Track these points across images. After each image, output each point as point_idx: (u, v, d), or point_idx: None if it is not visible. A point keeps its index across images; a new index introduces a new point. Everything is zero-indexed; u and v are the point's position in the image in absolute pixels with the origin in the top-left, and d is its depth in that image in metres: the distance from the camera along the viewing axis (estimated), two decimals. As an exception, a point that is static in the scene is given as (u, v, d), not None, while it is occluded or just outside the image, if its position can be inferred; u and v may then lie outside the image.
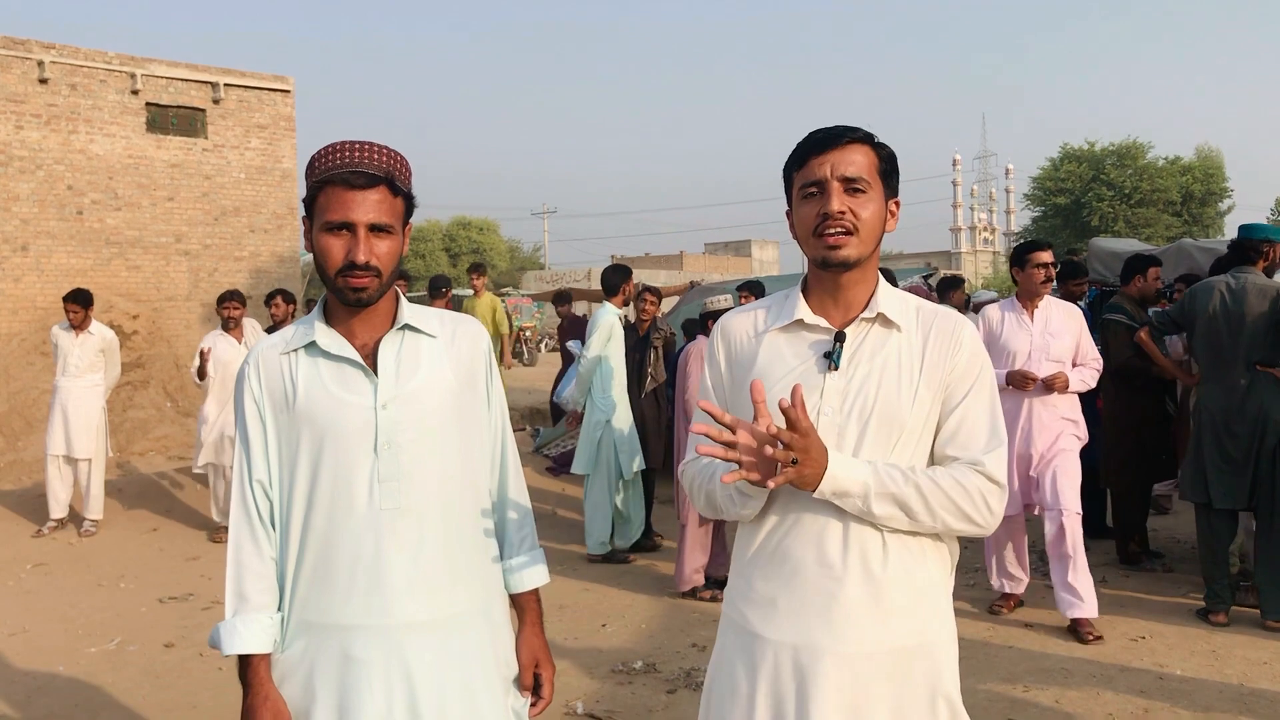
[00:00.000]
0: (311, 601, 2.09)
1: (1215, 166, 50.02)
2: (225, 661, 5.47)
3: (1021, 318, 5.82)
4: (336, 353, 2.11)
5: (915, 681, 1.97)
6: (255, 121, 16.68)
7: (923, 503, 1.93)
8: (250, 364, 2.18)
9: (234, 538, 2.14)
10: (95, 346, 8.87)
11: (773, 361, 2.06)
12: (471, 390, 2.23)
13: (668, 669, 5.17)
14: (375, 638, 2.05)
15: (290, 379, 2.12)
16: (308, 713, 2.08)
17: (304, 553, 2.10)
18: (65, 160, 14.57)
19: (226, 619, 2.10)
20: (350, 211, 2.03)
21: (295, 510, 2.11)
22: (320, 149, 2.11)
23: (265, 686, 2.08)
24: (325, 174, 2.05)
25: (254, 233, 16.65)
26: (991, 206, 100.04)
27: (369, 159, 2.06)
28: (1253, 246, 5.78)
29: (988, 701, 4.56)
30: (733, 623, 2.11)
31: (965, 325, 2.06)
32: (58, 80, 14.47)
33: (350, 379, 2.11)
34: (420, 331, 2.18)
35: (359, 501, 2.07)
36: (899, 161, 2.08)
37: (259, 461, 2.14)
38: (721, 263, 60.18)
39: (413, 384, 2.12)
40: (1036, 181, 51.44)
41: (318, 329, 2.13)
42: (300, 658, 2.09)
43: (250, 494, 2.14)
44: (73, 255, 14.39)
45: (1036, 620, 5.79)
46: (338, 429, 2.08)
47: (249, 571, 2.11)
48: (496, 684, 2.19)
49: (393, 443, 2.08)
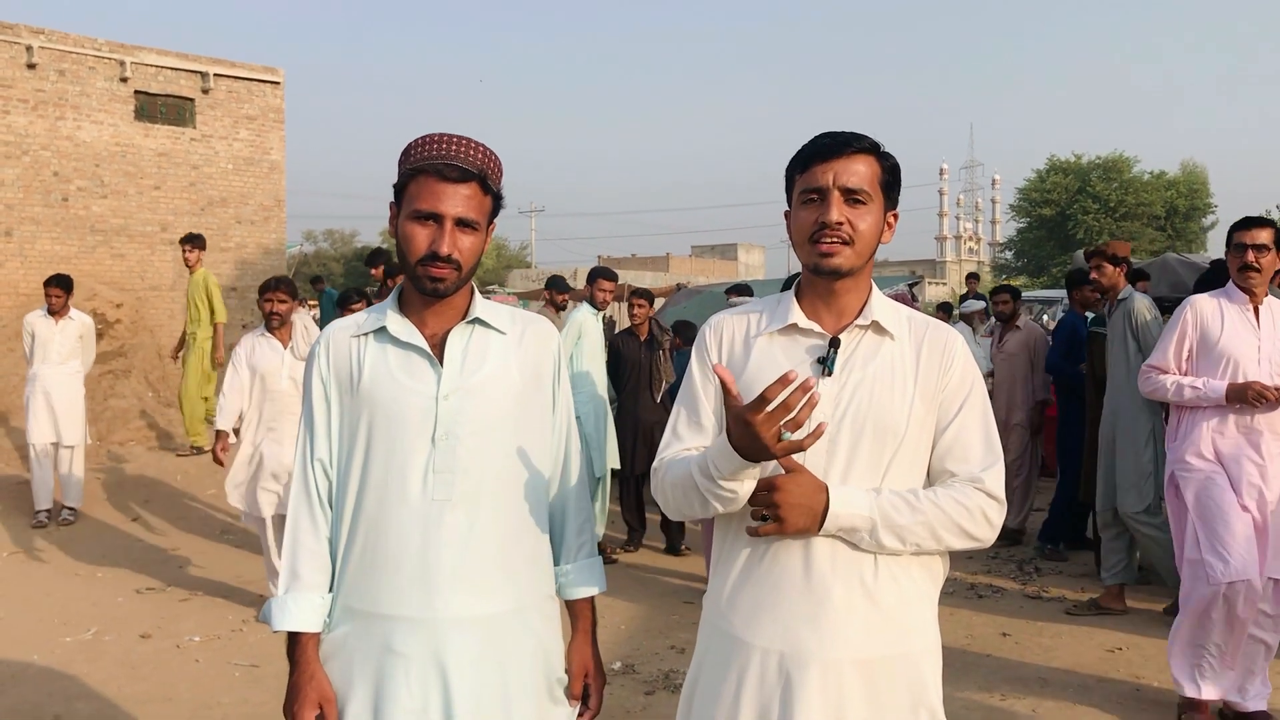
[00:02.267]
0: (357, 588, 2.10)
1: (1199, 182, 50.34)
2: (202, 654, 5.46)
3: (1245, 313, 4.50)
4: (405, 340, 2.13)
5: (899, 691, 1.97)
6: (244, 112, 16.61)
7: (929, 530, 1.94)
8: (321, 344, 2.20)
9: (293, 516, 2.16)
10: (75, 333, 8.78)
11: (765, 365, 2.05)
12: (537, 390, 2.23)
13: (646, 671, 5.17)
14: (417, 631, 2.05)
15: (357, 362, 2.14)
16: (345, 697, 2.09)
17: (353, 537, 2.11)
18: (52, 146, 14.49)
19: (279, 595, 2.12)
20: (440, 203, 2.05)
21: (349, 493, 2.13)
22: (418, 138, 2.13)
23: (312, 665, 2.09)
24: (420, 163, 2.07)
25: (240, 224, 16.58)
26: (977, 216, 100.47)
27: (465, 154, 2.08)
28: None
29: (964, 710, 4.58)
30: (716, 628, 2.10)
31: (957, 338, 2.07)
32: (46, 66, 14.39)
33: (416, 367, 2.11)
34: (490, 327, 2.19)
35: (412, 490, 2.07)
36: (900, 172, 2.08)
37: (322, 442, 2.16)
38: (708, 265, 60.26)
39: (477, 378, 2.12)
40: (1022, 192, 51.67)
41: (390, 315, 2.15)
42: (342, 643, 2.11)
43: (311, 474, 2.16)
44: (57, 242, 14.30)
45: (1014, 630, 5.82)
46: (398, 415, 2.09)
47: (304, 550, 2.13)
48: (536, 687, 2.17)
49: (451, 434, 2.08)
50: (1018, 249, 53.14)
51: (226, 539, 8.35)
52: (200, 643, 5.67)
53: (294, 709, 2.07)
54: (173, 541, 8.22)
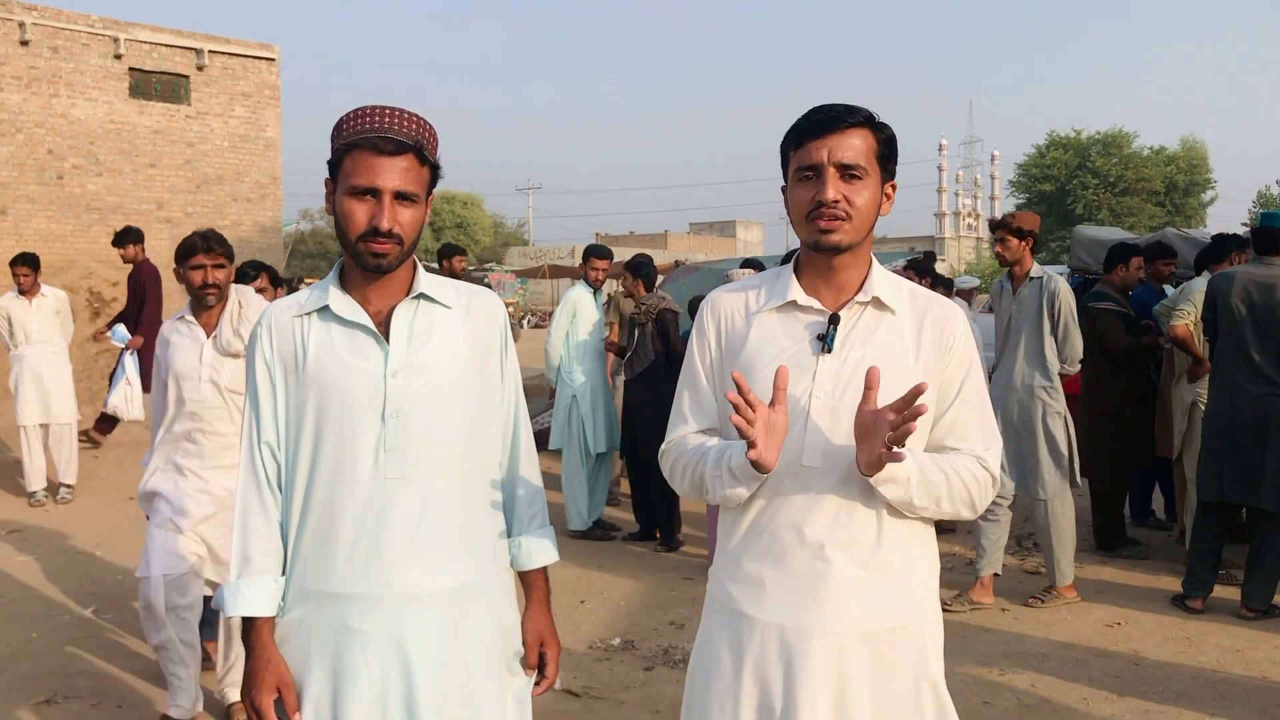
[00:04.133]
0: (311, 568, 2.08)
1: (1199, 157, 50.32)
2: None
3: None
4: (349, 318, 2.10)
5: (901, 664, 1.97)
6: (239, 89, 16.53)
7: (948, 491, 1.95)
8: (263, 325, 2.16)
9: (241, 500, 2.13)
10: (51, 309, 8.71)
11: (765, 342, 2.04)
12: (485, 363, 2.21)
13: (645, 647, 5.18)
14: (373, 607, 2.04)
15: (301, 342, 2.11)
16: (302, 679, 2.07)
17: (305, 518, 2.09)
18: (46, 124, 14.41)
19: (230, 581, 2.10)
20: (377, 177, 2.01)
21: (299, 475, 2.10)
22: (350, 111, 2.08)
23: (268, 649, 2.08)
24: (353, 137, 2.03)
25: (236, 202, 16.53)
26: (976, 192, 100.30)
27: (398, 125, 2.04)
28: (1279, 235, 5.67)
29: (963, 684, 4.59)
30: (719, 603, 2.10)
31: (960, 315, 2.06)
32: (39, 42, 14.29)
33: (361, 345, 2.09)
34: (435, 301, 2.16)
35: (363, 469, 2.05)
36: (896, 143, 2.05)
37: (268, 424, 2.13)
38: (706, 243, 60.22)
39: (424, 354, 2.10)
40: (1022, 168, 51.63)
41: (332, 293, 2.12)
42: (298, 624, 2.09)
43: (259, 456, 2.13)
44: (52, 220, 14.25)
45: (1013, 605, 5.83)
46: (346, 395, 2.06)
47: (255, 534, 2.11)
48: (497, 660, 2.18)
49: (401, 412, 2.06)
50: (1017, 225, 53.02)
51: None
52: (199, 620, 5.67)
53: (252, 694, 2.06)
54: (171, 520, 8.20)
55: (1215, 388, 5.79)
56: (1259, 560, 5.57)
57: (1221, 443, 5.66)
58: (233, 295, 4.28)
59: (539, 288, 44.94)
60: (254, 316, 4.09)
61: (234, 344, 4.16)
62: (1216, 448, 5.69)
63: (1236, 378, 5.61)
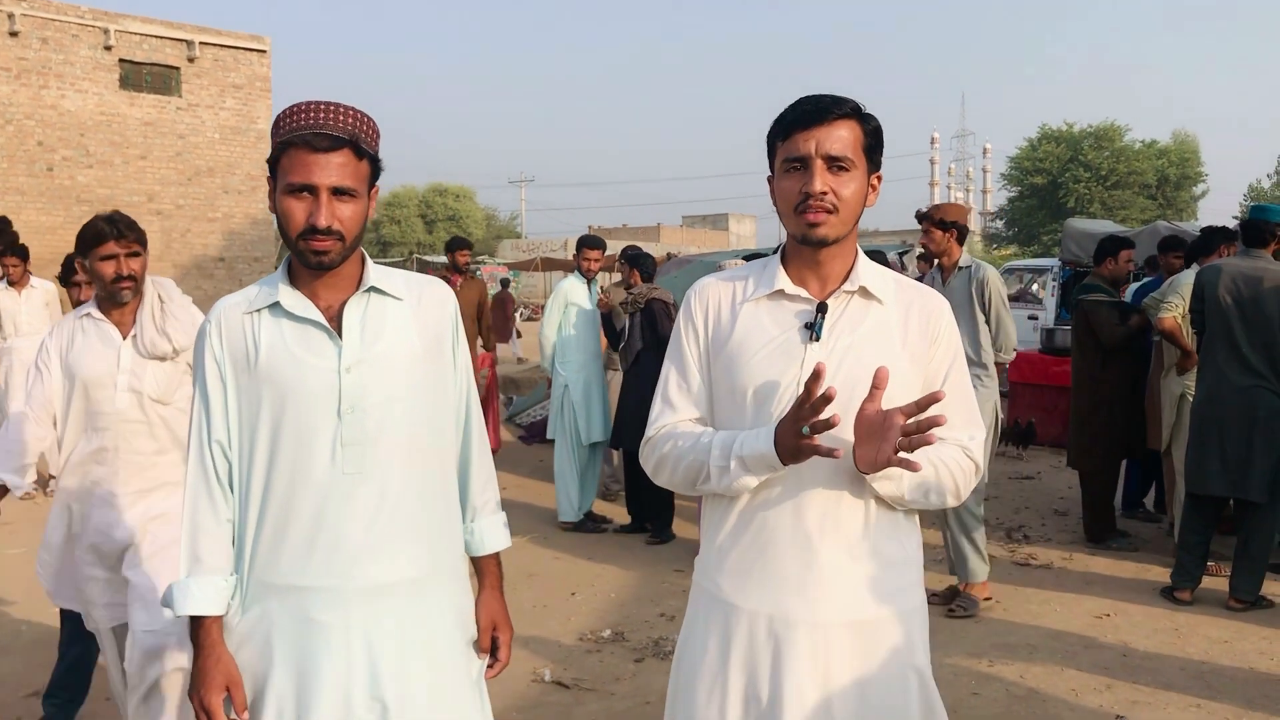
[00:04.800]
0: (271, 564, 2.07)
1: (1191, 151, 50.40)
2: (192, 624, 5.45)
3: None
4: (300, 314, 2.08)
5: (887, 652, 1.98)
6: (230, 81, 16.49)
7: (936, 483, 1.97)
8: (212, 321, 2.13)
9: (190, 499, 2.11)
10: (40, 301, 8.67)
11: (752, 331, 2.04)
12: (438, 353, 2.21)
13: (636, 638, 5.18)
14: (335, 599, 2.04)
15: (253, 339, 2.08)
16: (266, 676, 2.06)
17: (264, 515, 2.08)
18: (35, 115, 14.36)
19: (180, 579, 2.08)
20: (312, 174, 1.99)
21: (256, 473, 2.08)
22: (285, 109, 2.06)
23: (217, 648, 2.06)
24: (288, 135, 2.00)
25: (227, 194, 16.50)
26: (969, 185, 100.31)
27: (333, 120, 2.01)
28: (1269, 229, 5.69)
29: (953, 675, 4.60)
30: (705, 592, 2.11)
31: (944, 305, 2.07)
32: (28, 34, 14.24)
33: (314, 341, 2.07)
34: (386, 294, 2.15)
35: (321, 465, 2.05)
36: (883, 134, 2.05)
37: (219, 422, 2.11)
38: (698, 236, 60.20)
39: (378, 347, 2.09)
40: (1014, 161, 51.66)
41: (281, 290, 2.10)
42: (259, 620, 2.08)
43: (209, 454, 2.10)
44: (42, 212, 14.20)
45: (1002, 595, 5.84)
46: (300, 392, 2.05)
47: (204, 533, 2.09)
48: (457, 647, 2.19)
49: (357, 407, 2.05)
50: (1009, 218, 53.20)
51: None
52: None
53: (202, 693, 2.04)
54: (162, 512, 8.19)
55: (1202, 380, 5.81)
56: (1246, 552, 5.59)
57: (1208, 435, 5.67)
58: (150, 288, 3.57)
59: (531, 280, 44.89)
60: (180, 313, 3.54)
61: (159, 345, 3.49)
62: (1203, 440, 5.71)
63: (1223, 370, 5.63)
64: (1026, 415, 10.11)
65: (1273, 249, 5.74)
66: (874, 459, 1.84)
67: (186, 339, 3.46)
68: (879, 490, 1.93)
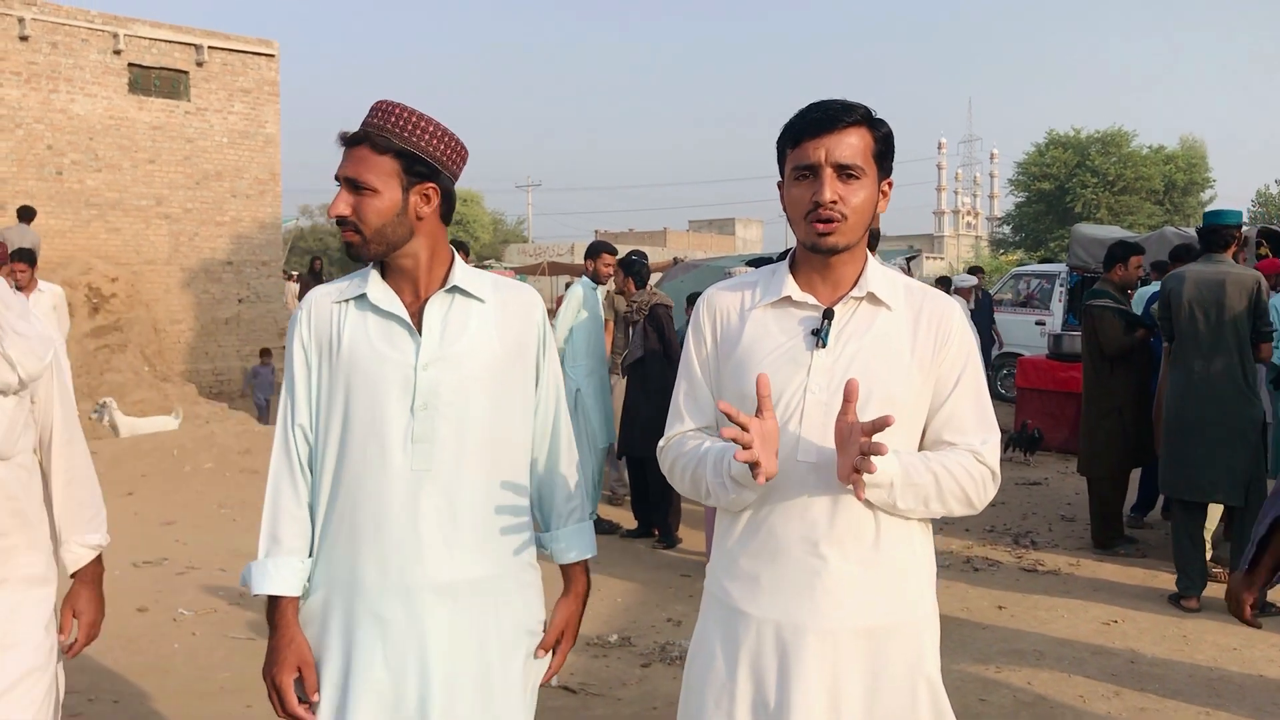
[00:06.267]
0: (335, 553, 2.11)
1: (1198, 156, 50.25)
2: (199, 626, 5.46)
3: None
4: (385, 308, 2.12)
5: (896, 660, 1.97)
6: (239, 85, 16.53)
7: (938, 491, 1.94)
8: (304, 308, 2.19)
9: (273, 480, 2.16)
10: (48, 304, 8.67)
11: (760, 338, 2.04)
12: (519, 359, 2.22)
13: (643, 643, 5.18)
14: (394, 596, 2.07)
15: (338, 328, 2.14)
16: (320, 662, 2.11)
17: (332, 504, 2.12)
18: (45, 119, 14.41)
19: (259, 559, 2.12)
20: (339, 169, 2.09)
21: (327, 461, 2.13)
22: None
23: (291, 629, 2.10)
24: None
25: (236, 198, 16.53)
26: (975, 191, 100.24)
27: (367, 119, 2.10)
28: (1227, 233, 5.78)
29: (960, 681, 4.59)
30: (716, 599, 2.11)
31: (955, 309, 2.05)
32: (38, 38, 14.29)
33: (395, 336, 2.11)
34: (470, 295, 2.17)
35: (391, 460, 2.07)
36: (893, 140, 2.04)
37: (303, 407, 2.16)
38: (705, 240, 60.14)
39: (456, 347, 2.11)
40: (1021, 167, 51.51)
41: (371, 283, 2.15)
42: (319, 607, 2.13)
43: (292, 438, 2.16)
44: (52, 216, 14.25)
45: (1009, 602, 5.83)
46: (376, 384, 2.09)
47: (285, 514, 2.14)
48: (515, 651, 2.19)
49: (430, 405, 2.08)
50: (1016, 223, 53.07)
51: (223, 512, 8.35)
52: (197, 616, 5.67)
53: (273, 672, 2.09)
54: (169, 515, 8.21)
55: (1172, 386, 5.86)
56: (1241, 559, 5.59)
57: (1180, 440, 5.72)
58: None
59: (538, 285, 44.88)
60: (23, 325, 2.26)
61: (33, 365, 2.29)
62: (1175, 445, 5.75)
63: (1191, 376, 5.69)
64: (1034, 421, 10.11)
65: (1233, 252, 5.81)
66: (843, 471, 1.85)
67: (35, 364, 2.26)
68: (870, 499, 1.91)
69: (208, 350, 16.28)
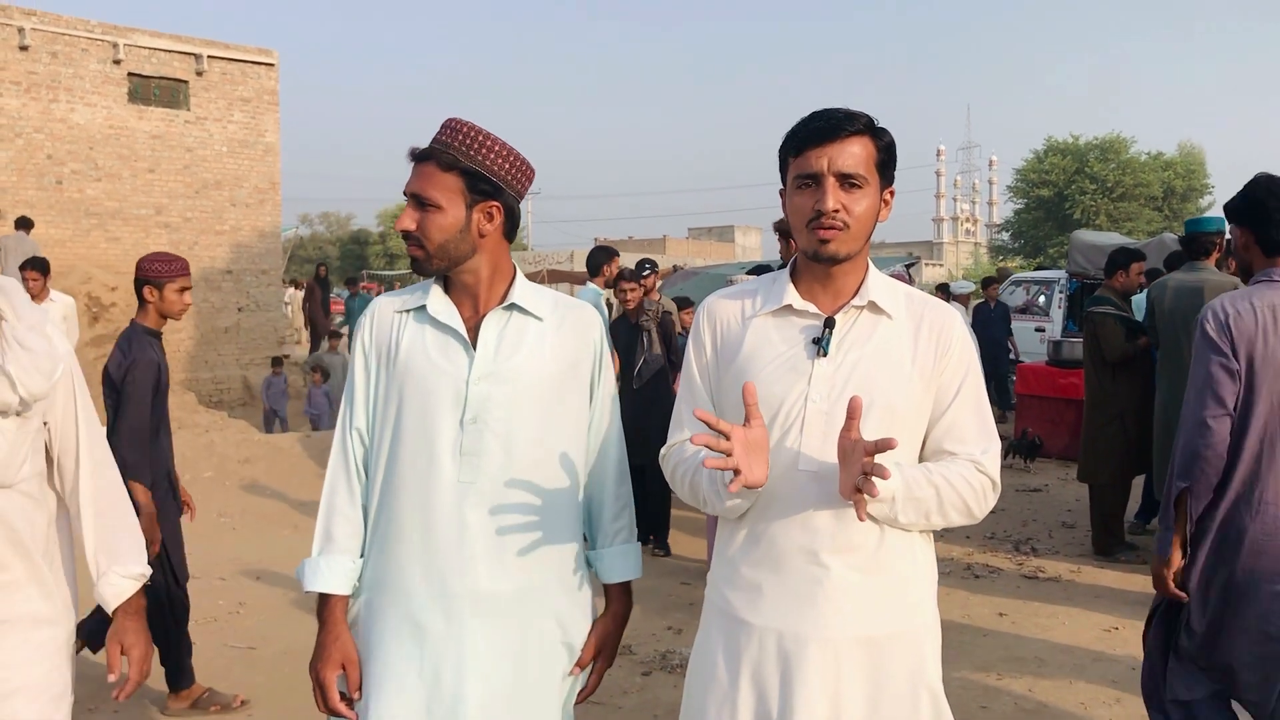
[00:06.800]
0: (380, 559, 2.15)
1: (1197, 163, 50.40)
2: (199, 635, 5.44)
3: None
4: (444, 321, 2.16)
5: (898, 670, 1.97)
6: (239, 94, 16.55)
7: (939, 503, 1.93)
8: (368, 314, 2.25)
9: (330, 479, 2.22)
10: (59, 315, 8.67)
11: (760, 346, 2.04)
12: (573, 377, 2.23)
13: (643, 651, 5.18)
14: (436, 604, 2.09)
15: (396, 337, 2.18)
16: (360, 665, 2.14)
17: (382, 510, 2.16)
18: (45, 129, 14.43)
19: (312, 556, 2.17)
20: (408, 184, 2.14)
21: (380, 466, 2.17)
22: None
23: (339, 627, 2.14)
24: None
25: (235, 207, 16.54)
26: (974, 198, 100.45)
27: (435, 136, 2.15)
28: (1207, 240, 5.80)
29: (961, 689, 4.59)
30: (717, 608, 2.10)
31: (956, 318, 2.05)
32: (38, 48, 14.31)
33: (451, 349, 2.15)
34: (528, 313, 2.19)
35: (439, 471, 2.10)
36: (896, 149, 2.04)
37: (360, 411, 2.21)
38: (704, 248, 60.15)
39: (510, 363, 2.14)
40: (1020, 174, 51.65)
41: (432, 295, 2.19)
42: (363, 610, 2.16)
43: (350, 441, 2.21)
44: (51, 225, 14.26)
45: (1010, 609, 5.82)
46: (429, 395, 2.12)
47: (339, 514, 2.19)
48: (553, 665, 2.19)
49: (479, 419, 2.10)
50: (1015, 230, 53.17)
51: (223, 521, 8.34)
52: (197, 625, 5.66)
53: (318, 667, 2.13)
54: (169, 525, 8.19)
55: (1159, 394, 5.86)
56: None
57: (1170, 447, 5.71)
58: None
59: (537, 293, 44.86)
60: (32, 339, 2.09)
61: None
62: (1167, 452, 5.74)
63: (1176, 382, 5.69)
64: (1033, 428, 10.10)
65: (1215, 259, 5.83)
66: (845, 488, 1.84)
67: (40, 383, 2.11)
68: (872, 513, 1.90)
69: (207, 359, 16.28)
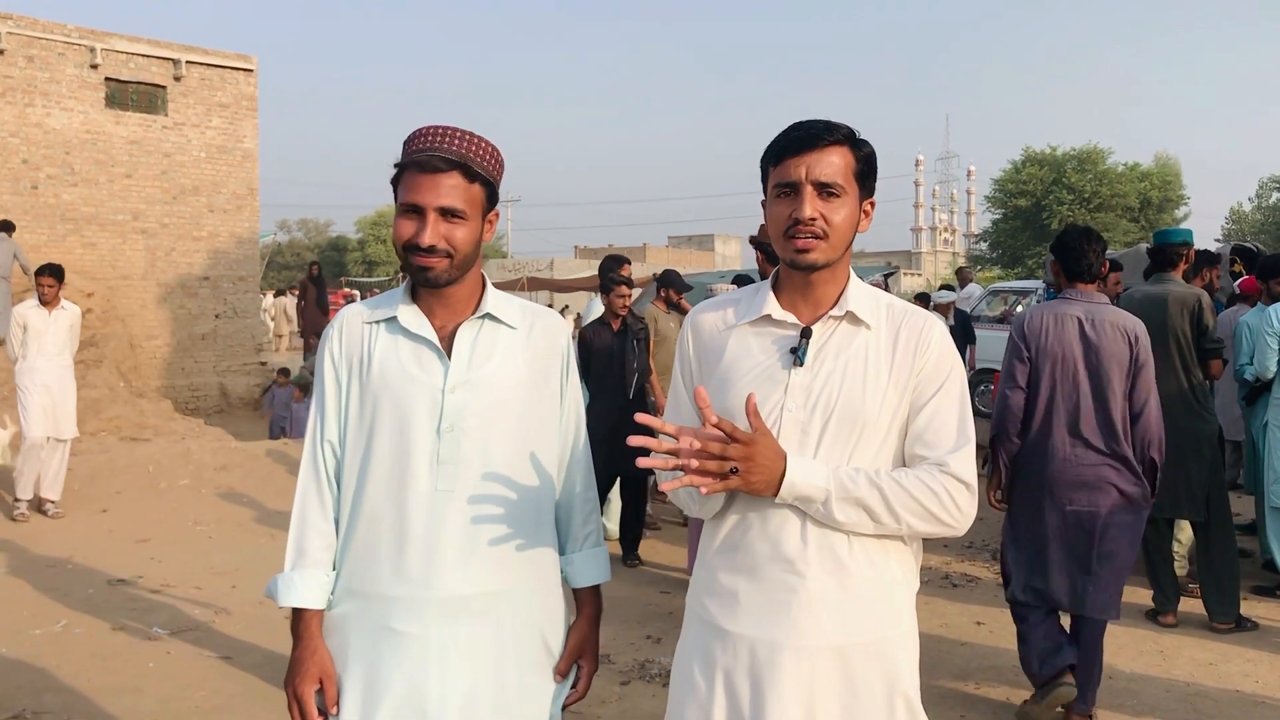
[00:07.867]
0: (357, 569, 2.14)
1: (1173, 174, 50.85)
2: (174, 645, 5.41)
3: None
4: (415, 331, 2.15)
5: (874, 678, 1.96)
6: (217, 100, 16.48)
7: (885, 506, 1.91)
8: (335, 325, 2.23)
9: (301, 493, 2.20)
10: (67, 323, 8.62)
11: (740, 356, 2.05)
12: (544, 383, 2.24)
13: (622, 660, 5.17)
14: (415, 611, 2.08)
15: (368, 348, 2.18)
16: (340, 676, 2.13)
17: (355, 521, 2.15)
18: (20, 133, 14.32)
19: (285, 571, 2.16)
20: (421, 195, 2.07)
21: (352, 477, 2.16)
22: (410, 133, 2.16)
23: (314, 641, 2.13)
24: (406, 158, 2.11)
25: (213, 213, 16.46)
26: (953, 207, 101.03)
27: (446, 144, 2.10)
28: (1173, 251, 5.86)
29: (939, 698, 4.60)
30: (696, 615, 2.11)
31: (935, 324, 2.05)
32: (14, 52, 14.21)
33: (424, 359, 2.14)
34: (500, 321, 2.20)
35: (415, 480, 2.10)
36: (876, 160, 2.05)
37: (332, 422, 2.20)
38: (684, 256, 60.23)
39: (484, 371, 2.14)
40: (998, 184, 51.96)
41: (401, 306, 2.18)
42: (341, 621, 2.15)
43: (321, 453, 2.20)
44: (27, 231, 14.15)
45: (988, 618, 5.84)
46: (404, 406, 2.12)
47: (311, 528, 2.17)
48: (533, 669, 2.20)
49: (456, 427, 2.10)
50: (993, 240, 53.47)
51: (199, 530, 8.29)
52: (172, 635, 5.62)
53: (295, 682, 2.11)
54: (144, 532, 8.15)
55: None
56: (1210, 574, 5.65)
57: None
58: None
59: (517, 301, 44.82)
60: None
61: None
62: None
63: None
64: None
65: (1182, 270, 5.88)
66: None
67: None
68: (807, 511, 1.92)
69: (184, 366, 16.17)
